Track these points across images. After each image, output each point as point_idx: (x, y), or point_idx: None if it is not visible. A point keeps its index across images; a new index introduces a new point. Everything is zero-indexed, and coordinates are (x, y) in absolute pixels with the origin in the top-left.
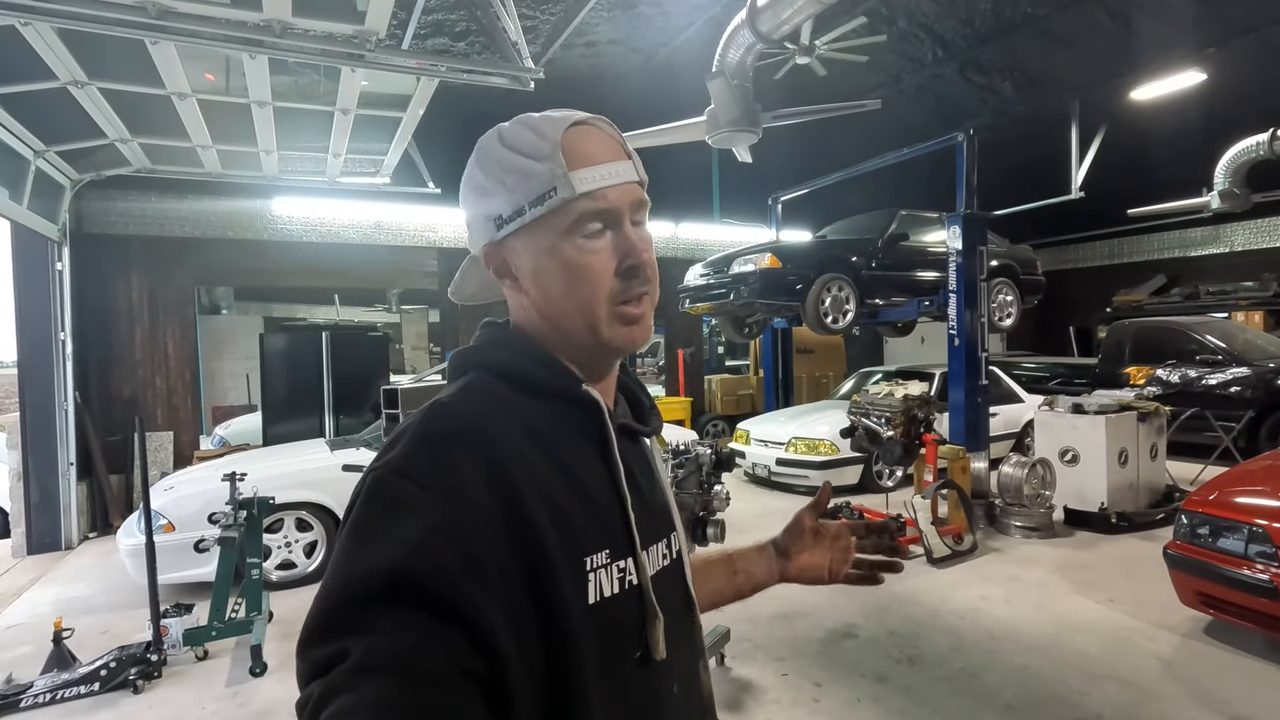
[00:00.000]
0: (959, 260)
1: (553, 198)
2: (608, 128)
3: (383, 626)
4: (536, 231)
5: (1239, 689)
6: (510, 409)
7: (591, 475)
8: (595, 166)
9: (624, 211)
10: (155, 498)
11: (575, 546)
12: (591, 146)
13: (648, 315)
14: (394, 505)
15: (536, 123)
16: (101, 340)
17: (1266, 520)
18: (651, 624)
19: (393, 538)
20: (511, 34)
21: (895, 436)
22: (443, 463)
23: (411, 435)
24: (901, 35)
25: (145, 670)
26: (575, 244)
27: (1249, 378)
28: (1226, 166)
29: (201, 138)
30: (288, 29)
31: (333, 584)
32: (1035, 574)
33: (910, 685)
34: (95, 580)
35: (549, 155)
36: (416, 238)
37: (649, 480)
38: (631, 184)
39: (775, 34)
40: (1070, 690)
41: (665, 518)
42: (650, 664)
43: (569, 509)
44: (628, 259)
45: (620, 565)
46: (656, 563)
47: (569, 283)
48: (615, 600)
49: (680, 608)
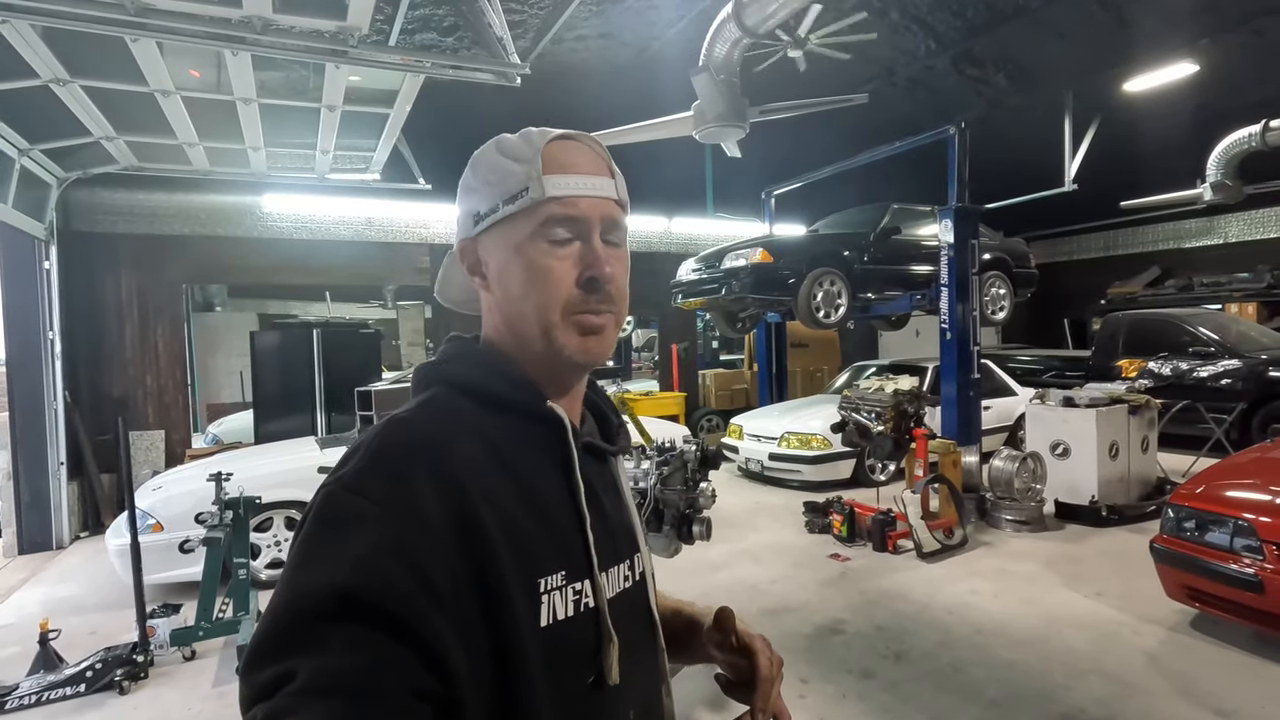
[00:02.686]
0: (951, 254)
1: (524, 197)
2: (595, 146)
3: (332, 646)
4: (506, 230)
5: (1224, 683)
6: (470, 424)
7: (551, 494)
8: (570, 175)
9: (593, 224)
10: (143, 497)
11: (529, 567)
12: (571, 157)
13: (608, 331)
14: (344, 521)
15: (530, 133)
16: (91, 339)
17: (1252, 514)
18: (606, 648)
19: (342, 554)
20: (496, 29)
21: (885, 431)
22: (395, 478)
23: (365, 451)
24: (894, 28)
25: (131, 671)
26: (540, 246)
27: (1240, 370)
28: (1219, 158)
29: (188, 135)
30: (269, 25)
31: (280, 603)
32: (1025, 568)
33: (896, 681)
34: (85, 580)
35: (529, 159)
36: (408, 234)
37: (613, 500)
38: (607, 200)
39: (761, 28)
40: (1055, 685)
41: (629, 539)
42: (604, 688)
43: (525, 528)
44: (589, 270)
45: (576, 587)
46: (617, 584)
47: (528, 284)
48: (569, 623)
49: (642, 631)
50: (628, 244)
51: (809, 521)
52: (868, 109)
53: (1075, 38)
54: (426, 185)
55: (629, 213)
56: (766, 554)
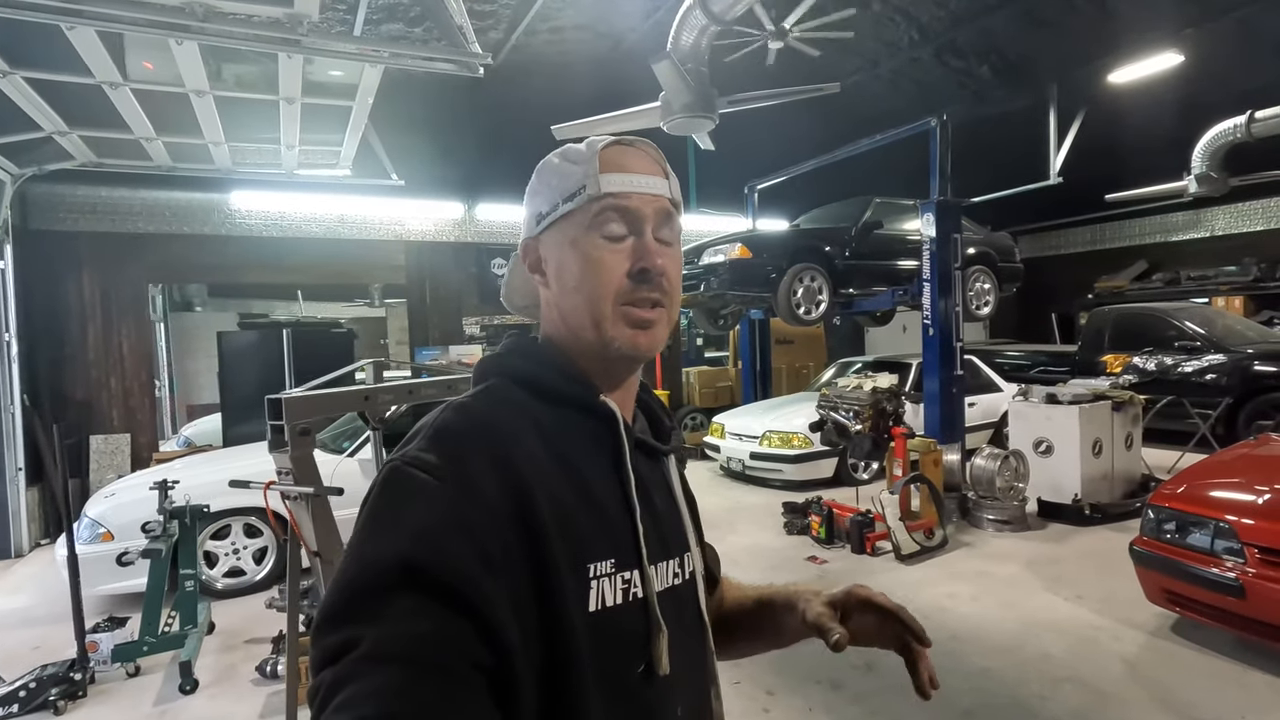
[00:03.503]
0: (933, 248)
1: (581, 194)
2: (650, 150)
3: (394, 615)
4: (564, 226)
5: (1203, 691)
6: (526, 413)
7: (602, 484)
8: (626, 174)
9: (646, 218)
10: (95, 505)
11: (579, 552)
12: (626, 159)
13: (659, 325)
14: (409, 496)
15: (591, 140)
16: (52, 341)
17: (1233, 515)
18: (656, 638)
19: (406, 527)
20: (456, 16)
21: (864, 430)
22: (457, 458)
23: (428, 431)
24: (876, 19)
25: (68, 690)
26: (594, 239)
27: (1225, 364)
28: (1204, 150)
29: (144, 129)
30: (212, 11)
31: (346, 571)
32: (1005, 570)
33: (865, 693)
34: (38, 591)
35: (587, 160)
36: (383, 231)
37: (664, 498)
38: (660, 198)
39: (728, 15)
40: (1030, 694)
41: (679, 537)
42: (654, 679)
43: (576, 514)
44: (640, 261)
45: (625, 576)
46: (666, 580)
47: (582, 275)
48: (617, 610)
49: (691, 629)
50: (680, 243)
51: (788, 523)
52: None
53: (1059, 28)
54: (400, 181)
55: (683, 214)
56: (743, 557)
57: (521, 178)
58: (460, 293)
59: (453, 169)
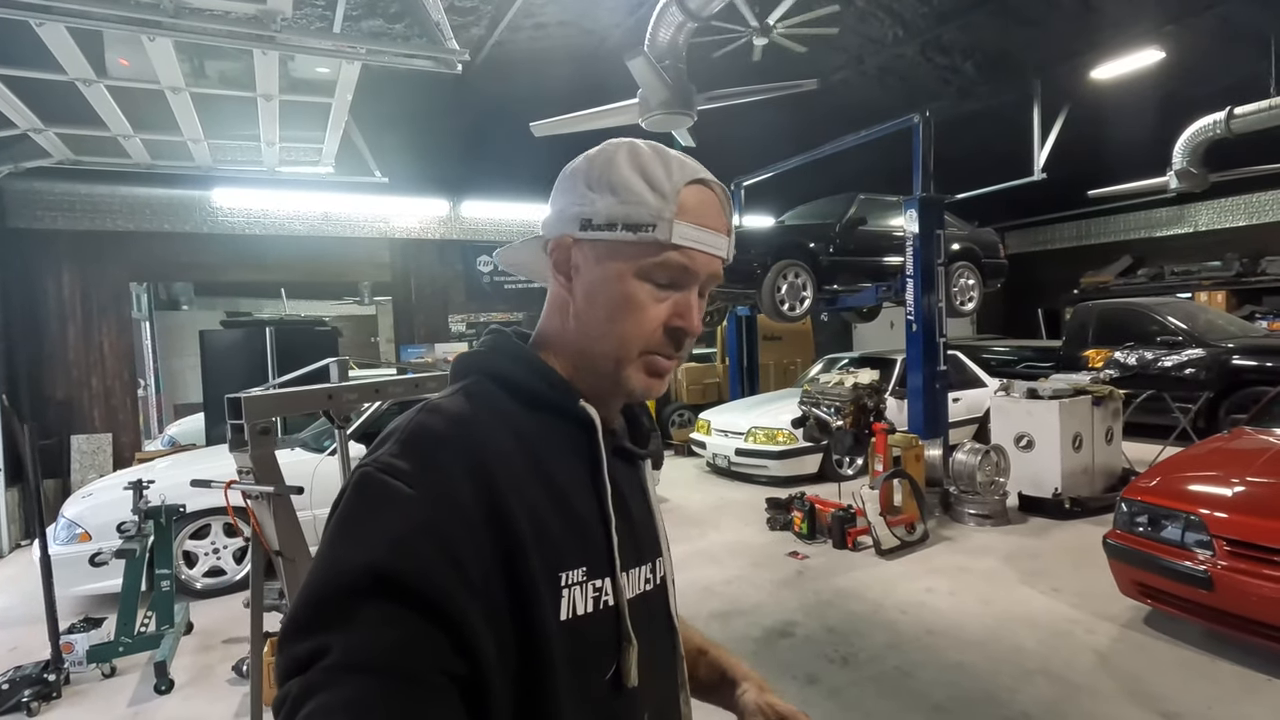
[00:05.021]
0: (916, 244)
1: (649, 232)
2: (725, 198)
3: (364, 623)
4: (616, 253)
5: (1173, 683)
6: (503, 416)
7: (577, 491)
8: (700, 229)
9: (700, 279)
10: (72, 505)
11: (552, 559)
12: (706, 209)
13: (668, 375)
14: (381, 503)
15: (670, 159)
16: (31, 340)
17: (1203, 509)
18: (625, 650)
19: (378, 534)
20: (432, 12)
21: (845, 426)
22: (430, 463)
23: (401, 435)
24: (860, 15)
25: (42, 691)
26: (644, 285)
27: (1204, 359)
28: (1184, 146)
29: (121, 127)
30: (182, 7)
31: (316, 578)
32: (983, 564)
33: (839, 687)
34: (16, 592)
35: (667, 195)
36: (368, 229)
37: (639, 503)
38: (719, 259)
39: (704, 11)
40: (1001, 688)
41: (652, 542)
42: (622, 689)
43: (549, 521)
44: (679, 320)
45: (596, 584)
46: (638, 586)
47: (618, 313)
48: (588, 619)
49: (661, 635)
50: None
51: (770, 518)
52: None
53: (1042, 25)
54: (384, 178)
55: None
56: (724, 554)
57: (507, 175)
58: (446, 290)
59: (437, 166)
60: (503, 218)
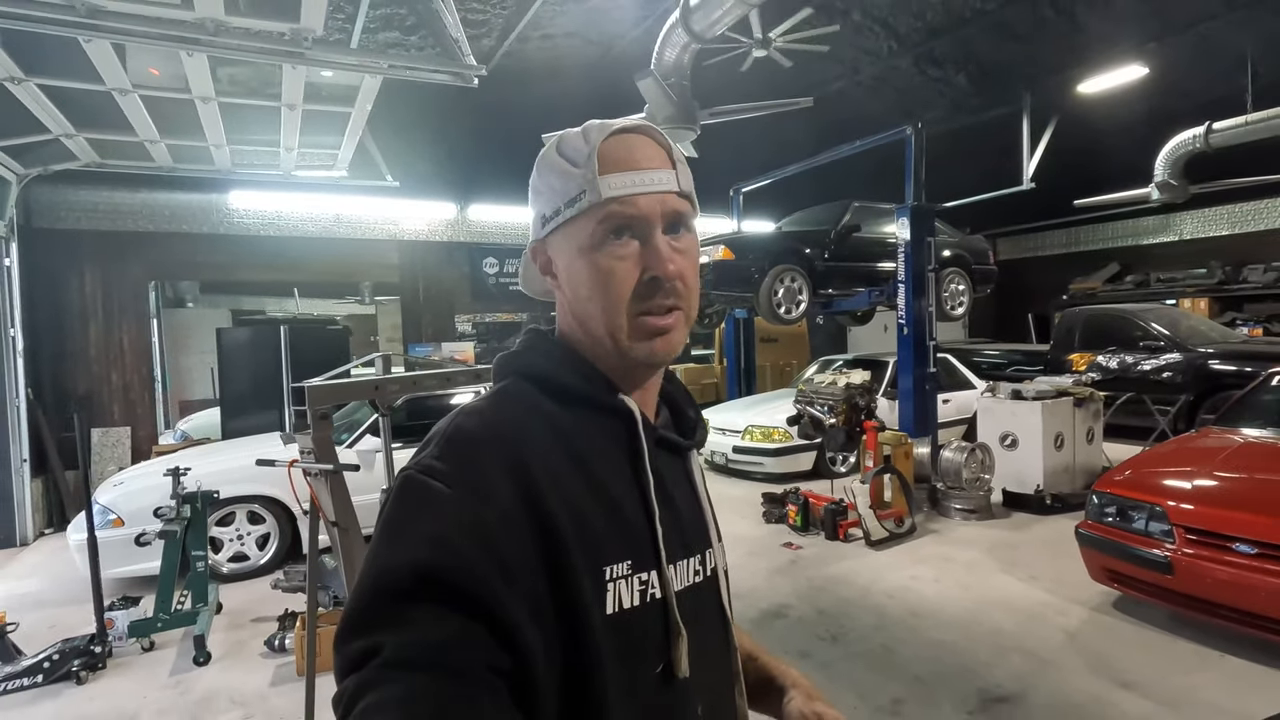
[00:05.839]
0: (908, 251)
1: (582, 200)
2: (655, 136)
3: (412, 622)
4: (570, 233)
5: (1134, 659)
6: (541, 415)
7: (620, 485)
8: (628, 173)
9: (654, 221)
10: (105, 493)
11: (595, 554)
12: (629, 153)
13: (676, 329)
14: (422, 504)
15: (590, 129)
16: (54, 336)
17: (1166, 500)
18: (675, 641)
19: (421, 535)
20: (452, 29)
21: (838, 424)
22: (470, 464)
23: (441, 438)
24: (856, 28)
25: (89, 661)
26: (602, 248)
27: (1180, 363)
28: (1165, 159)
29: (148, 132)
30: (222, 27)
31: (365, 580)
32: (967, 554)
33: (829, 661)
34: (47, 576)
35: (585, 159)
36: (377, 230)
37: (685, 494)
38: (668, 194)
39: (709, 33)
40: (978, 663)
41: (700, 534)
42: (672, 680)
43: (592, 517)
44: (650, 270)
45: (642, 578)
46: (686, 578)
47: (593, 286)
48: (635, 612)
49: (713, 627)
50: (695, 231)
51: (766, 512)
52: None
53: (1031, 40)
54: (394, 183)
55: (697, 204)
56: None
57: (513, 179)
58: (453, 291)
59: (446, 170)
60: (508, 221)
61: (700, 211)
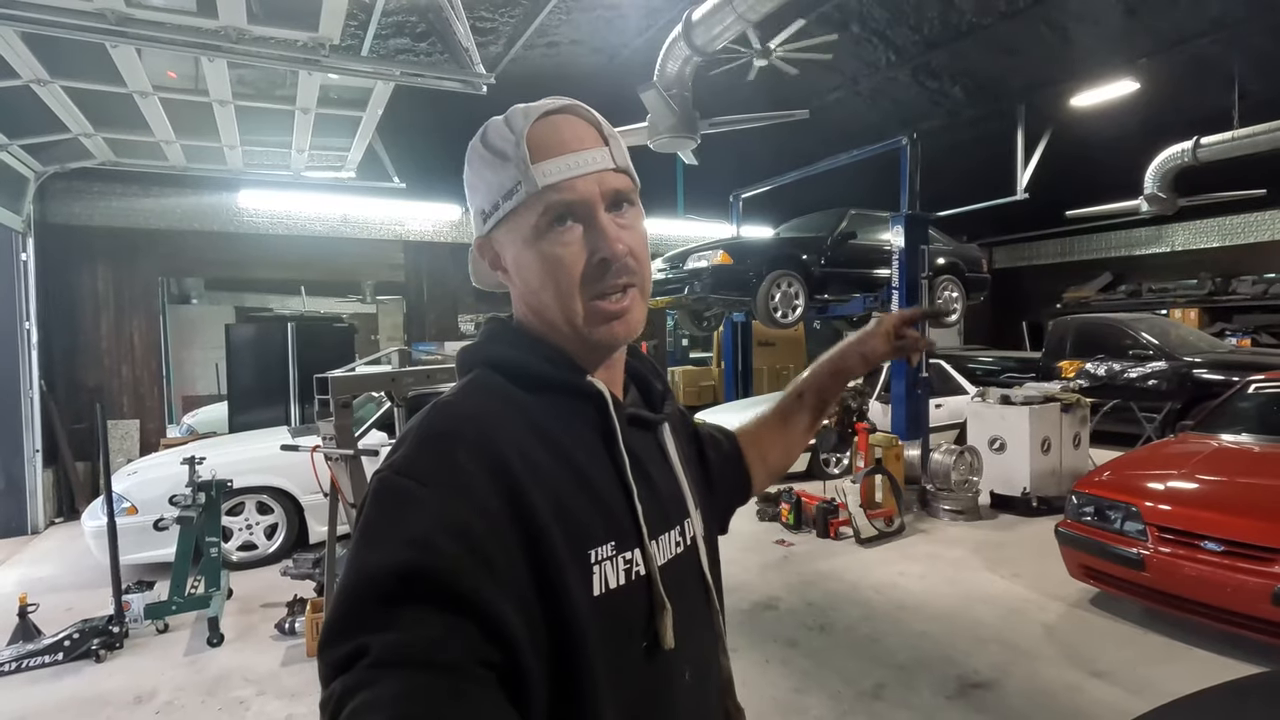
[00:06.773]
0: (902, 258)
1: (519, 193)
2: (584, 114)
3: (397, 622)
4: (512, 225)
5: (1107, 650)
6: (512, 404)
7: (596, 467)
8: (560, 158)
9: (594, 202)
10: (119, 482)
11: (579, 539)
12: (557, 136)
13: (633, 308)
14: (399, 505)
15: (514, 115)
16: (67, 330)
17: (1140, 500)
18: (659, 615)
19: (400, 536)
20: (462, 38)
21: (830, 425)
22: (444, 460)
23: (413, 436)
24: (855, 40)
25: (107, 641)
26: (546, 237)
27: (1166, 371)
28: (1154, 172)
29: (165, 133)
30: (243, 35)
31: (346, 585)
32: (953, 553)
33: (817, 649)
34: (60, 562)
35: (514, 150)
36: (383, 231)
37: (660, 468)
38: (604, 172)
39: (710, 47)
40: (958, 652)
41: (677, 505)
42: (658, 653)
43: (572, 502)
44: (598, 253)
45: (626, 556)
46: (668, 551)
47: (543, 275)
48: (621, 591)
49: (695, 593)
50: (640, 204)
51: (760, 510)
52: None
53: (1026, 54)
54: (401, 184)
55: (636, 178)
56: None
57: None
58: (456, 291)
59: (451, 173)
60: None
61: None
